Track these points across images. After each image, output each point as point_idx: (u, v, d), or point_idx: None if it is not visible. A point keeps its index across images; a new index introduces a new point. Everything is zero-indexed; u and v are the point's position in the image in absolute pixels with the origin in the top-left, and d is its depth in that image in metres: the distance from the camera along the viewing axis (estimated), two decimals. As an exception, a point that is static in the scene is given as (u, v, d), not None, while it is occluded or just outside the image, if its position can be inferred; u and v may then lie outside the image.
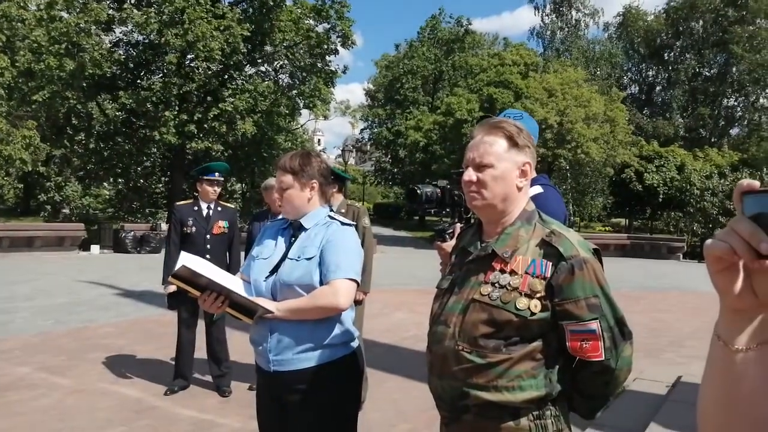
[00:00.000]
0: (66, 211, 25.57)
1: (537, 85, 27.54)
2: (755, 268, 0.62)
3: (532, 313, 1.50)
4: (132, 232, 18.29)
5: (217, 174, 4.95)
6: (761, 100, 41.26)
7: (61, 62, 19.01)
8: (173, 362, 5.09)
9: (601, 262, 1.59)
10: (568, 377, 1.57)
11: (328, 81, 25.47)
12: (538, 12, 42.34)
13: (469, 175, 1.61)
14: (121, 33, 22.97)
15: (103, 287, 10.51)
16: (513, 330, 1.51)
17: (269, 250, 2.29)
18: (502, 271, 1.56)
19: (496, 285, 1.55)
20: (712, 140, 40.30)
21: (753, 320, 0.66)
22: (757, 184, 0.61)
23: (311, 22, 24.21)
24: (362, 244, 3.85)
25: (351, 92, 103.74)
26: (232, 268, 4.80)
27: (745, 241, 0.60)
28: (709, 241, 0.63)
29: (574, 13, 42.13)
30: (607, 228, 34.41)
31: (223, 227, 4.93)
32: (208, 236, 4.86)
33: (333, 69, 25.76)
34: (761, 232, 0.58)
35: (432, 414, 1.73)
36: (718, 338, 0.69)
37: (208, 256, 4.56)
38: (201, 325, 5.05)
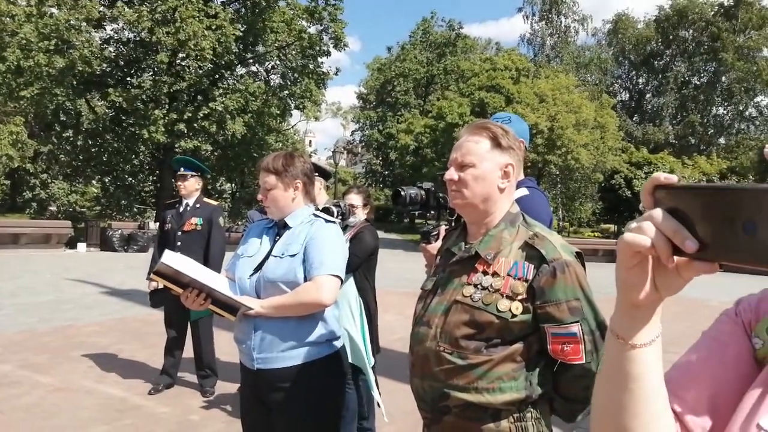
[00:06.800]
0: (53, 208, 25.35)
1: (528, 91, 27.69)
2: (669, 265, 0.62)
3: (513, 315, 1.50)
4: (119, 231, 18.18)
5: (182, 169, 4.88)
6: (750, 110, 41.71)
7: (51, 59, 18.84)
8: (158, 361, 5.07)
9: (583, 265, 1.59)
10: (549, 380, 1.57)
11: (319, 82, 25.44)
12: (527, 20, 42.56)
13: (451, 174, 1.62)
14: (111, 30, 22.83)
15: (89, 285, 10.43)
16: (494, 332, 1.51)
17: (254, 248, 2.30)
18: (485, 273, 1.56)
19: (479, 286, 1.55)
20: (701, 148, 40.65)
21: (650, 315, 0.67)
22: (675, 178, 0.61)
23: (304, 23, 24.18)
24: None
25: (347, 94, 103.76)
26: (208, 266, 4.76)
27: (666, 238, 0.59)
28: (627, 236, 0.62)
29: (563, 19, 42.34)
30: (596, 233, 34.60)
31: (196, 224, 4.83)
32: (179, 233, 4.81)
33: (325, 71, 25.74)
34: (684, 230, 0.58)
35: (417, 416, 1.73)
36: (617, 336, 0.69)
37: (178, 252, 4.55)
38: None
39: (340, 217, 3.31)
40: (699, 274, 0.62)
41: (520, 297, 1.50)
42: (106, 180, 24.94)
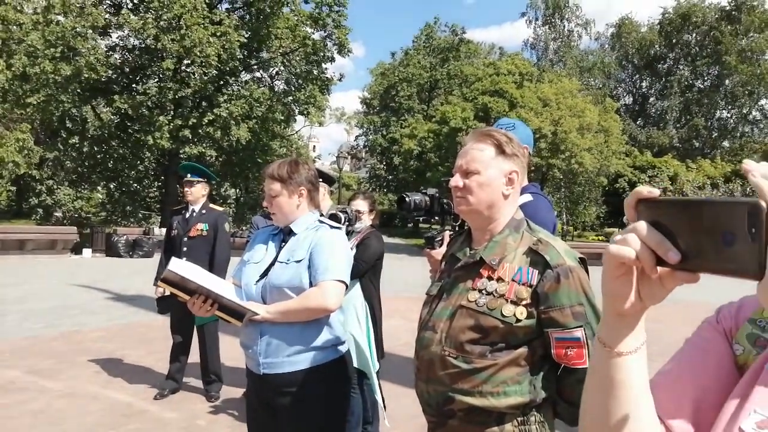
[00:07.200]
0: (59, 214, 25.43)
1: (531, 95, 27.70)
2: (653, 276, 0.64)
3: (518, 320, 1.52)
4: (125, 236, 18.22)
5: (189, 175, 4.91)
6: (754, 113, 41.65)
7: (57, 66, 18.97)
8: (164, 366, 5.09)
9: (587, 271, 1.61)
10: (553, 384, 1.59)
11: (323, 88, 25.53)
12: (531, 24, 42.66)
13: (456, 180, 1.65)
14: (117, 37, 23.00)
15: (95, 291, 10.46)
16: (499, 336, 1.53)
17: (260, 254, 2.32)
18: (490, 278, 1.58)
19: (484, 291, 1.57)
20: (705, 151, 40.58)
21: (635, 324, 0.69)
22: (656, 192, 0.63)
23: (308, 29, 24.29)
24: None
25: (350, 99, 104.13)
26: (213, 271, 4.79)
27: (649, 249, 0.62)
28: (613, 247, 0.64)
29: (566, 24, 42.43)
30: (600, 237, 34.50)
31: (201, 230, 4.86)
32: (185, 239, 4.84)
33: (329, 76, 25.83)
34: (667, 242, 0.60)
35: (422, 421, 1.74)
36: (603, 345, 0.71)
37: (184, 258, 4.56)
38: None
39: (347, 223, 3.34)
40: (681, 283, 0.64)
41: (524, 302, 1.52)
42: (112, 186, 25.05)
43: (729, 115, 42.63)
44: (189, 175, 4.90)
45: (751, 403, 0.71)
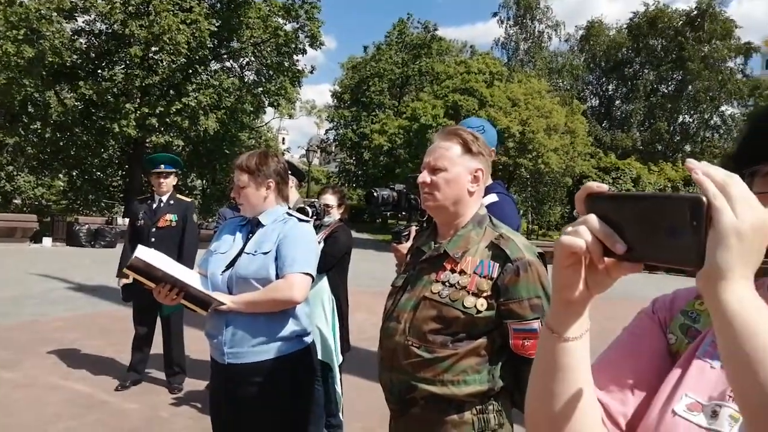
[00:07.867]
0: (18, 201, 24.76)
1: (501, 94, 28.01)
2: (600, 266, 0.68)
3: (478, 311, 1.58)
4: (86, 226, 17.84)
5: (162, 166, 4.86)
6: (714, 118, 42.80)
7: (20, 48, 18.43)
8: (126, 357, 5.04)
9: (545, 265, 1.68)
10: (511, 374, 1.65)
11: (294, 80, 25.37)
12: (502, 24, 43.05)
13: (424, 177, 1.70)
14: (83, 22, 22.42)
15: (55, 280, 10.24)
16: (460, 326, 1.59)
17: (227, 245, 2.34)
18: (453, 271, 1.64)
19: (447, 284, 1.62)
20: (667, 155, 41.56)
21: (582, 312, 0.73)
22: (605, 187, 0.67)
23: (280, 20, 24.09)
24: None
25: (321, 92, 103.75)
26: (182, 262, 4.75)
27: (598, 241, 0.65)
28: (564, 238, 0.68)
29: (537, 24, 42.94)
30: (564, 237, 35.10)
31: (170, 221, 4.83)
32: (153, 229, 4.79)
33: (300, 68, 25.68)
34: (614, 234, 0.65)
35: (385, 412, 1.79)
36: (551, 331, 0.75)
37: (153, 249, 4.51)
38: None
39: (315, 216, 3.36)
40: (626, 273, 0.68)
41: (485, 294, 1.58)
42: (74, 173, 24.46)
43: (691, 120, 43.70)
44: (162, 167, 4.85)
45: (683, 388, 0.77)
